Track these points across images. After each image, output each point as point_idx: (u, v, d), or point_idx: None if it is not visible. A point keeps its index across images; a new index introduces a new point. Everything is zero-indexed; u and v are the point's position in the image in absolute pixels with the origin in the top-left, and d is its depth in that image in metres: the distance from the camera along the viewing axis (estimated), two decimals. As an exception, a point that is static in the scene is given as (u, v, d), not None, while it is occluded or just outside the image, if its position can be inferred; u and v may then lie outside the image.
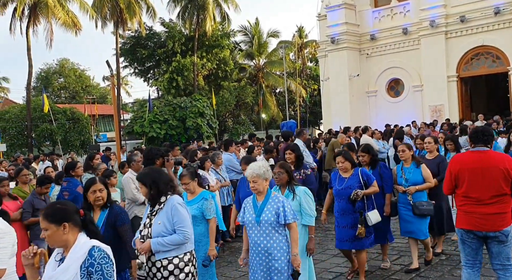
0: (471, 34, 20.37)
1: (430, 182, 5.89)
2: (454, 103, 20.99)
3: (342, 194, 5.44)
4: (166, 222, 3.81)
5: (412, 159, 6.02)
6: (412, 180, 5.86)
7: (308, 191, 4.77)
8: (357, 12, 23.53)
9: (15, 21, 26.96)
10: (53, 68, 51.11)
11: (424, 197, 5.90)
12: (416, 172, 5.90)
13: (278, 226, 4.04)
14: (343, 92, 22.90)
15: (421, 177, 5.87)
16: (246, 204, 4.27)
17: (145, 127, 24.47)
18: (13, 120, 27.27)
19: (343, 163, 5.49)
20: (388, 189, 5.91)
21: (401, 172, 6.05)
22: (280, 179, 4.70)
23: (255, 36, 39.02)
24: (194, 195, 5.00)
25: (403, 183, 5.94)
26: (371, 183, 5.45)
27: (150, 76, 36.86)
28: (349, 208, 5.37)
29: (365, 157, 5.97)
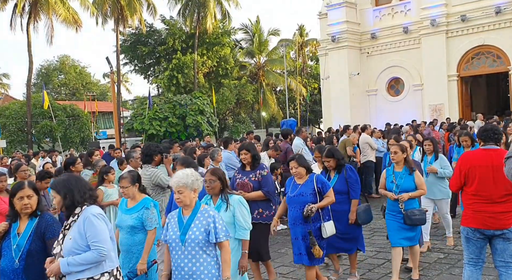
0: (472, 34, 20.34)
1: (424, 190, 5.48)
2: (454, 103, 20.98)
3: (293, 202, 4.98)
4: (78, 237, 3.23)
5: (405, 163, 5.51)
6: (404, 187, 5.39)
7: (243, 201, 4.29)
8: (358, 10, 23.50)
9: (16, 17, 26.94)
10: (54, 64, 51.13)
11: (415, 204, 5.48)
12: (408, 178, 5.44)
13: (207, 246, 3.48)
14: (343, 91, 22.89)
15: (414, 184, 5.41)
16: (170, 219, 3.66)
17: (145, 124, 24.48)
18: (13, 116, 27.27)
19: (296, 168, 4.99)
20: (354, 194, 5.48)
21: (392, 176, 5.55)
22: (212, 187, 4.17)
23: (255, 34, 39.01)
24: (135, 202, 4.48)
25: (393, 190, 5.46)
26: (326, 191, 4.94)
27: (150, 73, 36.87)
28: (299, 217, 4.90)
29: (330, 162, 5.53)
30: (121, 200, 4.62)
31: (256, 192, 5.34)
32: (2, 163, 12.37)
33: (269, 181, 5.41)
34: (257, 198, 5.33)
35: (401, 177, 5.44)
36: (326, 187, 4.96)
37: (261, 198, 5.34)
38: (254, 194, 5.33)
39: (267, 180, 5.41)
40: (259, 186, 5.38)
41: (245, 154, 5.55)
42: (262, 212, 5.30)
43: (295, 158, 5.07)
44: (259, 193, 5.34)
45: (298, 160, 5.02)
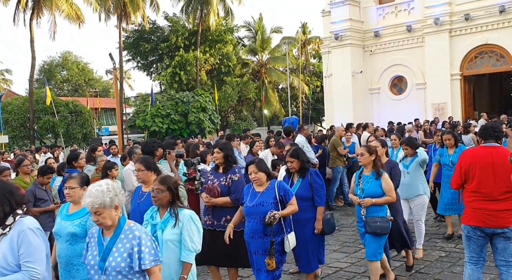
0: (475, 33, 20.30)
1: (391, 197, 4.92)
2: (457, 101, 20.95)
3: (252, 213, 4.39)
4: (8, 253, 2.71)
5: (373, 167, 5.03)
6: (369, 192, 4.91)
7: (195, 218, 3.62)
8: (361, 8, 23.46)
9: (19, 13, 27.00)
10: (56, 60, 51.18)
11: (382, 211, 4.92)
12: (374, 183, 4.95)
13: (133, 274, 2.87)
14: (346, 89, 22.87)
15: (380, 189, 4.91)
16: (91, 239, 3.05)
17: (147, 121, 24.49)
18: (15, 112, 27.31)
19: (256, 173, 4.43)
20: (320, 201, 4.92)
21: (358, 180, 5.13)
22: (158, 198, 3.55)
23: (258, 31, 38.98)
24: (78, 207, 3.86)
25: (358, 194, 5.03)
26: (288, 199, 4.42)
27: (153, 70, 36.91)
28: (259, 229, 4.34)
29: (294, 163, 4.95)
30: (62, 206, 4.07)
31: (223, 198, 4.94)
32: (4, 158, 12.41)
33: (239, 187, 4.84)
34: (224, 205, 4.95)
35: (368, 181, 4.99)
36: (289, 195, 4.45)
37: (228, 205, 4.92)
38: (220, 200, 4.94)
39: (237, 186, 4.90)
40: (228, 192, 4.94)
41: (218, 153, 5.09)
42: (230, 219, 4.79)
43: (254, 162, 4.49)
44: (226, 199, 4.93)
45: (258, 165, 4.45)
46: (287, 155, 5.06)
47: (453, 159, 6.93)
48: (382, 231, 4.83)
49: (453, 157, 6.95)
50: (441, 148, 7.33)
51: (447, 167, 7.07)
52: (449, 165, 6.98)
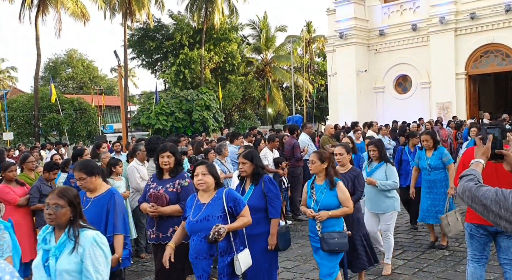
0: (481, 32, 20.22)
1: (348, 207, 4.44)
2: (462, 101, 20.88)
3: (196, 229, 3.64)
4: None
5: (326, 176, 4.48)
6: (324, 203, 4.40)
7: (101, 241, 2.83)
8: (366, 7, 23.41)
9: (24, 10, 27.10)
10: (61, 58, 51.33)
11: (339, 225, 4.43)
12: (329, 193, 4.43)
13: None
14: (350, 88, 22.84)
15: (336, 200, 4.41)
16: None
17: (151, 119, 24.56)
18: (20, 109, 27.43)
19: (204, 176, 3.70)
20: (275, 213, 4.28)
21: (310, 190, 4.55)
22: (56, 216, 2.80)
23: (263, 30, 38.96)
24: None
25: (312, 206, 4.46)
26: (239, 211, 3.69)
27: (157, 68, 36.96)
28: (204, 249, 3.59)
29: (246, 165, 4.30)
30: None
31: (173, 207, 4.40)
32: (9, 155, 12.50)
33: (189, 194, 4.17)
34: (173, 214, 4.42)
35: (322, 192, 4.45)
36: (240, 205, 3.72)
37: (177, 214, 4.35)
38: (169, 209, 4.38)
39: (188, 192, 4.29)
40: (177, 199, 4.40)
41: (169, 157, 4.49)
42: None
43: (205, 163, 3.83)
44: (176, 207, 4.40)
45: (209, 167, 3.78)
46: (240, 155, 4.40)
47: (431, 162, 6.46)
48: (340, 249, 4.34)
49: (432, 161, 6.46)
50: (419, 151, 6.79)
51: (425, 171, 6.58)
52: (427, 169, 6.52)
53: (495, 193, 1.92)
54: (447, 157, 6.46)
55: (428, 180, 6.55)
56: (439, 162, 6.42)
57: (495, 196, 1.91)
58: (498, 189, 1.94)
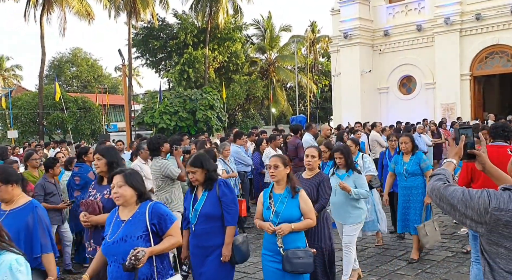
0: (486, 33, 20.14)
1: (311, 219, 3.87)
2: (467, 102, 20.82)
3: (112, 252, 3.04)
4: None
5: (287, 182, 3.93)
6: (285, 215, 3.81)
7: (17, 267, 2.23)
8: (371, 7, 23.36)
9: (30, 9, 27.22)
10: (66, 57, 51.47)
11: (301, 241, 3.86)
12: (291, 203, 3.85)
13: None
14: (354, 88, 22.80)
15: (298, 211, 3.85)
16: None
17: (155, 118, 24.58)
18: (25, 107, 27.53)
19: (119, 188, 3.07)
20: (231, 220, 3.80)
21: (268, 200, 3.96)
22: None
23: (267, 29, 38.94)
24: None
25: (270, 219, 3.86)
26: (166, 229, 3.06)
27: (161, 67, 37.01)
28: (122, 277, 2.96)
29: (196, 173, 3.79)
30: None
31: (106, 215, 3.69)
32: (15, 153, 12.55)
33: None
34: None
35: (282, 202, 3.86)
36: (167, 222, 3.06)
37: None
38: (102, 219, 3.74)
39: None
40: (112, 206, 3.60)
41: (98, 159, 4.06)
42: None
43: (123, 172, 3.15)
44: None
45: (126, 176, 3.10)
46: (188, 164, 3.88)
47: (408, 167, 5.98)
48: (304, 270, 3.76)
49: (409, 166, 5.99)
50: (396, 155, 6.30)
51: (402, 177, 6.09)
52: (404, 175, 6.03)
53: (462, 193, 1.96)
54: (425, 162, 6.00)
55: (405, 186, 6.08)
56: (417, 168, 5.95)
57: (461, 196, 1.95)
58: (465, 189, 1.98)
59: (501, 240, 1.90)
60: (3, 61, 53.26)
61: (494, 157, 4.20)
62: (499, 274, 1.95)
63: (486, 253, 2.00)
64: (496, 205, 1.86)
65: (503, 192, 1.90)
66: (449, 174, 2.19)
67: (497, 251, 1.94)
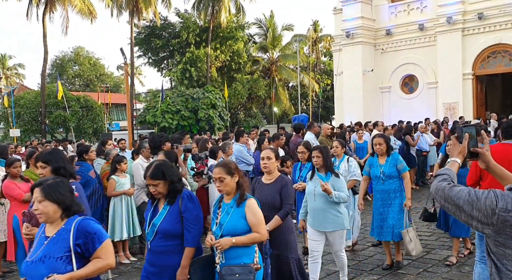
0: (488, 32, 20.09)
1: (259, 233, 3.37)
2: (469, 101, 20.78)
3: (30, 274, 2.69)
4: None
5: (237, 191, 3.45)
6: (229, 227, 3.36)
7: None
8: (373, 6, 23.33)
9: (32, 8, 27.29)
10: (68, 55, 51.54)
11: (248, 256, 3.36)
12: (236, 213, 3.38)
13: None
14: (356, 87, 22.78)
15: (245, 223, 3.36)
16: None
17: (157, 117, 24.62)
18: (27, 106, 27.59)
19: (39, 203, 2.69)
20: (191, 239, 3.32)
21: (216, 211, 3.51)
22: None
23: (269, 29, 38.94)
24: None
25: (214, 231, 3.45)
26: (93, 250, 2.67)
27: (163, 66, 37.04)
28: None
29: (158, 186, 3.32)
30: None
31: None
32: (17, 152, 12.58)
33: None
34: None
35: (227, 212, 3.42)
36: (95, 242, 2.67)
37: None
38: None
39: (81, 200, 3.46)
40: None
41: (42, 168, 3.74)
42: None
43: (42, 185, 2.73)
44: None
45: (45, 189, 2.70)
46: (147, 176, 3.36)
47: (385, 170, 5.63)
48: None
49: (386, 168, 5.64)
50: (371, 157, 5.97)
51: (378, 180, 5.71)
52: (380, 178, 5.66)
53: (468, 194, 1.92)
54: (402, 164, 5.65)
55: (382, 190, 5.69)
56: (394, 170, 5.60)
57: (467, 197, 1.91)
58: (471, 189, 1.94)
59: (508, 242, 1.87)
60: (6, 60, 53.37)
61: (504, 155, 4.20)
62: (507, 276, 1.91)
63: (493, 254, 1.96)
64: (503, 206, 1.83)
65: (510, 193, 1.87)
66: (454, 174, 2.16)
67: (504, 252, 1.90)
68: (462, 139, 2.33)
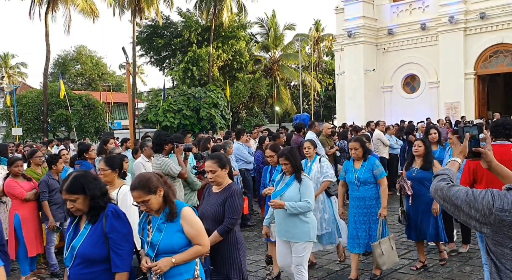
0: (490, 31, 20.06)
1: (202, 244, 2.98)
2: (471, 101, 20.75)
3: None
4: None
5: (165, 204, 2.97)
6: (164, 245, 2.92)
7: None
8: (375, 6, 23.32)
9: (35, 7, 27.33)
10: (71, 54, 51.59)
11: (188, 272, 2.98)
12: (171, 228, 2.94)
13: None
14: (358, 87, 22.77)
15: (182, 237, 2.94)
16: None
17: (159, 116, 24.65)
18: (29, 104, 27.63)
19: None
20: (120, 264, 2.81)
21: (147, 227, 3.03)
22: None
23: (271, 28, 38.92)
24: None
25: (147, 251, 3.00)
26: None
27: (165, 65, 37.05)
28: None
29: (78, 201, 2.82)
30: None
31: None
32: (19, 150, 12.59)
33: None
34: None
35: (159, 229, 2.96)
36: None
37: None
38: None
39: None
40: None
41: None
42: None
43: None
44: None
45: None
46: (63, 190, 2.84)
47: (360, 175, 5.21)
48: None
49: (360, 173, 5.22)
50: (346, 161, 5.56)
51: (353, 186, 5.30)
52: (355, 184, 5.25)
53: (465, 194, 1.95)
54: (378, 169, 5.21)
55: (356, 197, 5.28)
56: (369, 175, 5.18)
57: (465, 197, 1.94)
58: (469, 189, 1.97)
59: (506, 241, 1.88)
60: (8, 59, 53.44)
61: (496, 156, 4.17)
62: (506, 275, 1.92)
63: (492, 254, 1.97)
64: (500, 206, 1.84)
65: (507, 193, 1.88)
66: (453, 174, 2.17)
67: (502, 252, 1.91)
68: (463, 139, 2.33)
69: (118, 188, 4.18)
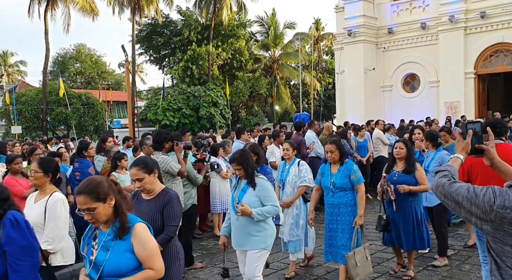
0: (491, 31, 20.04)
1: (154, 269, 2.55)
2: (471, 100, 20.74)
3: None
4: None
5: (116, 217, 2.54)
6: (109, 268, 2.51)
7: None
8: (375, 5, 23.29)
9: (34, 5, 27.31)
10: (70, 53, 51.57)
11: None
12: (119, 247, 2.52)
13: None
14: (358, 86, 22.75)
15: (131, 258, 2.53)
16: None
17: (158, 114, 24.63)
18: (29, 103, 27.63)
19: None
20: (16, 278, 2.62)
21: (92, 243, 2.62)
22: None
23: (271, 27, 38.90)
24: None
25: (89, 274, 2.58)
26: None
27: (165, 64, 37.03)
28: None
29: None
30: None
31: None
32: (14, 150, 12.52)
33: None
34: None
35: (106, 247, 2.54)
36: None
37: None
38: None
39: None
40: None
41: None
42: None
43: None
44: None
45: None
46: None
47: (336, 180, 4.91)
48: None
49: (336, 178, 4.92)
50: (323, 165, 5.22)
51: (328, 191, 5.01)
52: (331, 190, 4.96)
53: (467, 190, 1.95)
54: (356, 174, 4.89)
55: (331, 204, 4.98)
56: (346, 181, 4.87)
57: (466, 193, 1.94)
58: (470, 186, 1.96)
59: (506, 238, 1.88)
60: (8, 57, 53.40)
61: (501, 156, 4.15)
62: (506, 272, 1.92)
63: (493, 251, 1.98)
64: (501, 203, 1.83)
65: (509, 190, 1.87)
66: (455, 170, 2.17)
67: (502, 249, 1.91)
68: (466, 135, 2.32)
69: (48, 194, 3.71)
